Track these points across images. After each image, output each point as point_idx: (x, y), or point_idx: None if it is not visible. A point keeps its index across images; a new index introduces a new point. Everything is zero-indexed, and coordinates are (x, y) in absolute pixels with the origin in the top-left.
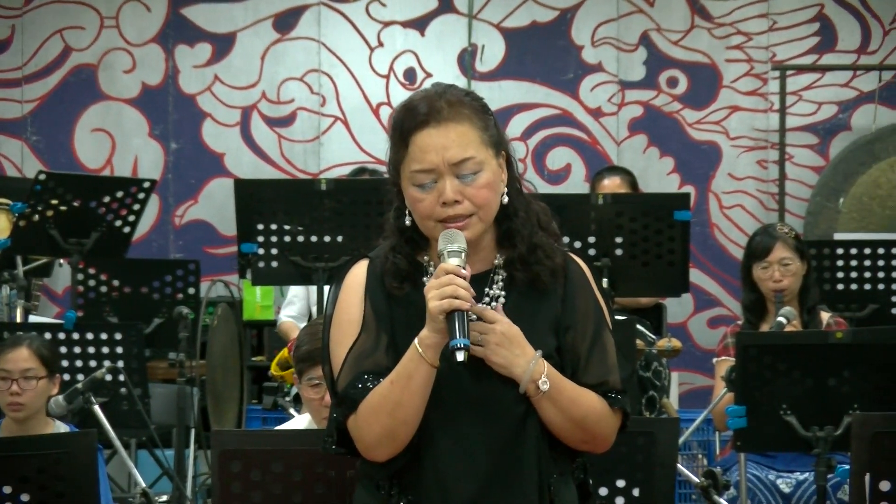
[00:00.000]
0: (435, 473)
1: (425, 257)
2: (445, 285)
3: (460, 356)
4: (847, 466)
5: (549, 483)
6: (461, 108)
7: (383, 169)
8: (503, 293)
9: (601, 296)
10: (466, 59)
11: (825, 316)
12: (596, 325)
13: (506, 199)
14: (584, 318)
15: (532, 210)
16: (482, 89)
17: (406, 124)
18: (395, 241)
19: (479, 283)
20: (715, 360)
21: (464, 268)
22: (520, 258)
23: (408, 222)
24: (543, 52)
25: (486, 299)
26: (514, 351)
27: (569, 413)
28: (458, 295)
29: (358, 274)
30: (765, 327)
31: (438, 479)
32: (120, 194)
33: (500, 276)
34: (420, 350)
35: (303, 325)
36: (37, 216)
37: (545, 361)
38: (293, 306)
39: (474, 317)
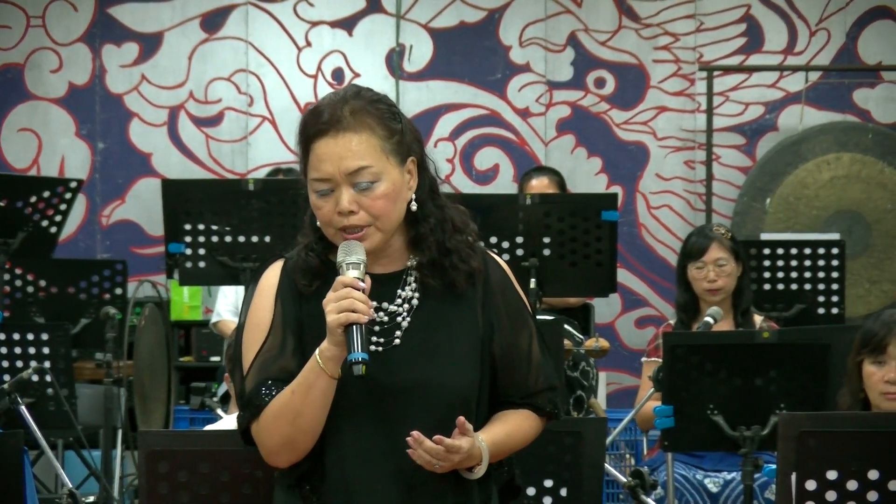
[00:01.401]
0: (341, 476)
1: (336, 260)
2: (343, 298)
3: (357, 370)
4: (774, 466)
5: (467, 485)
6: (364, 116)
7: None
8: (416, 295)
9: (522, 293)
10: (394, 59)
11: (758, 319)
12: (521, 326)
13: (414, 206)
14: (508, 320)
15: (446, 215)
16: (410, 89)
17: (308, 130)
18: (310, 239)
19: (392, 283)
20: (643, 359)
21: (362, 280)
22: (430, 264)
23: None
24: (471, 53)
25: (399, 300)
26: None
27: (503, 455)
28: (355, 308)
29: (271, 276)
30: (696, 327)
31: (344, 482)
32: (47, 194)
33: (414, 277)
34: (320, 362)
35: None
36: None
37: (484, 448)
38: (227, 300)
39: (376, 328)
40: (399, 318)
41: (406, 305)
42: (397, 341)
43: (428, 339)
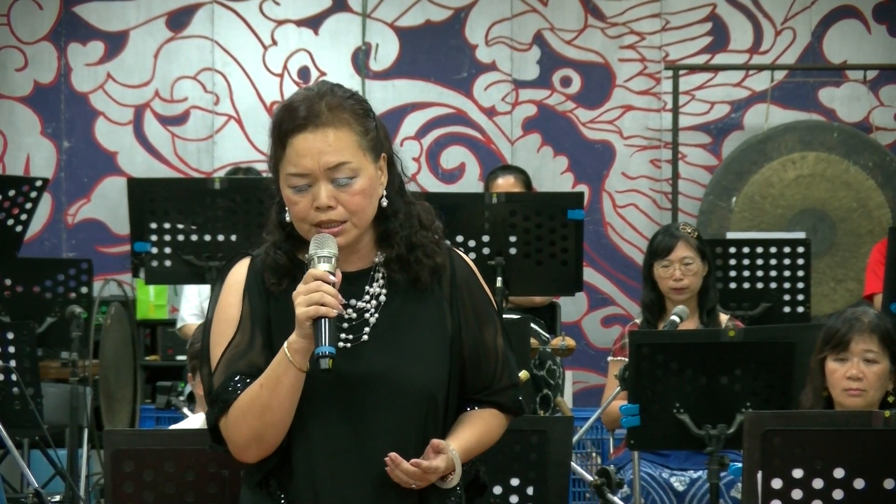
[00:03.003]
0: (308, 471)
1: (306, 255)
2: (313, 291)
3: (324, 364)
4: (739, 464)
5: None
6: (341, 112)
7: (261, 167)
8: (384, 291)
9: (488, 289)
10: (360, 58)
11: (724, 318)
12: (487, 322)
13: (384, 202)
14: (475, 316)
15: (413, 211)
16: (376, 88)
17: (284, 126)
18: (277, 238)
19: (360, 280)
20: (609, 358)
21: (333, 273)
22: (398, 259)
23: (288, 218)
24: (437, 51)
25: (367, 297)
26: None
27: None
28: (324, 302)
29: (238, 273)
30: (662, 326)
31: (311, 479)
32: (12, 193)
33: (381, 274)
34: (288, 355)
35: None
36: None
37: (456, 457)
38: (191, 304)
39: (345, 325)
40: (367, 315)
41: (374, 302)
42: (365, 337)
43: (396, 334)
